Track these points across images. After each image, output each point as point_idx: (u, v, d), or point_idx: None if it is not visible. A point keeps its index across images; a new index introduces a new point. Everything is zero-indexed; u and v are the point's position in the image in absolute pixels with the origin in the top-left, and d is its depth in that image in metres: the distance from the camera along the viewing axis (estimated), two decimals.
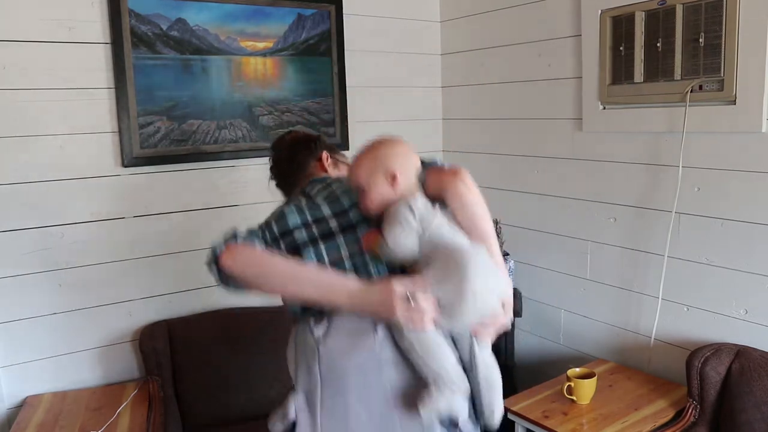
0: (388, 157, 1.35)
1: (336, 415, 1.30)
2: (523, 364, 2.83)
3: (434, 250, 1.28)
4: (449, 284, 1.24)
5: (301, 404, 1.33)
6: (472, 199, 1.33)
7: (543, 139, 2.64)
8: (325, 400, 1.31)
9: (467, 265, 1.24)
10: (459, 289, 1.23)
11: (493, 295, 1.29)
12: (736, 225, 2.04)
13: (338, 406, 1.30)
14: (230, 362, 2.36)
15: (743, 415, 1.89)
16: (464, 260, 1.25)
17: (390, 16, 2.91)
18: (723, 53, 1.97)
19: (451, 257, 1.26)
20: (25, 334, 2.22)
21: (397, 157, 1.36)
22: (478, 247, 1.30)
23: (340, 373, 1.31)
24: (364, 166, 1.35)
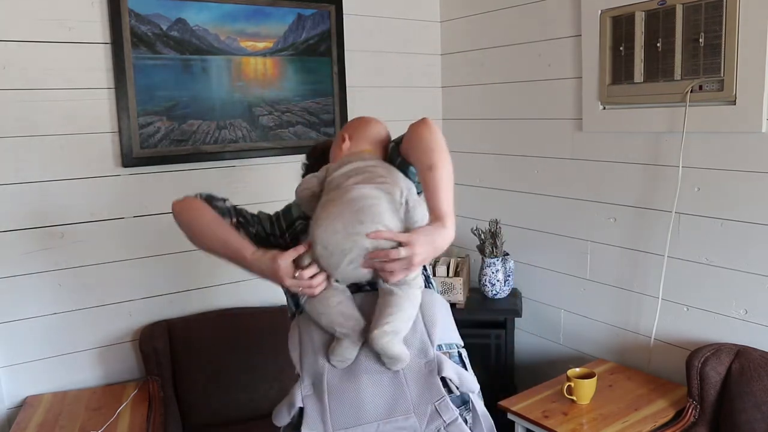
0: (346, 126, 1.57)
1: (345, 396, 1.30)
2: (523, 364, 2.83)
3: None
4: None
5: (308, 390, 1.33)
6: (423, 134, 1.35)
7: (543, 139, 2.64)
8: (333, 382, 1.31)
9: (316, 216, 1.33)
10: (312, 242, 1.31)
11: (338, 235, 1.28)
12: (736, 225, 2.04)
13: (348, 387, 1.30)
14: (230, 362, 2.36)
15: (743, 415, 1.89)
16: (316, 212, 1.34)
17: (390, 16, 2.91)
18: (723, 53, 1.97)
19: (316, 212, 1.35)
20: (25, 334, 2.23)
21: (353, 124, 1.56)
22: (344, 193, 1.32)
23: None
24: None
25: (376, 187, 1.33)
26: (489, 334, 2.60)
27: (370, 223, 1.27)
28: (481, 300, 2.68)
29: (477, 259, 2.75)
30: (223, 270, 2.54)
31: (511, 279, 2.70)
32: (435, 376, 1.31)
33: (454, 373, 1.33)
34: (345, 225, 1.27)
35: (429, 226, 1.28)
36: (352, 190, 1.32)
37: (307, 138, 2.69)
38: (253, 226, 1.53)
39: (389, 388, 1.30)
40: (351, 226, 1.27)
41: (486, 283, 2.66)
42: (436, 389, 1.30)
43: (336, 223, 1.28)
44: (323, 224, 1.30)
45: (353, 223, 1.27)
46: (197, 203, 1.49)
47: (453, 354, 1.40)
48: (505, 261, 2.67)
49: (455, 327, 1.48)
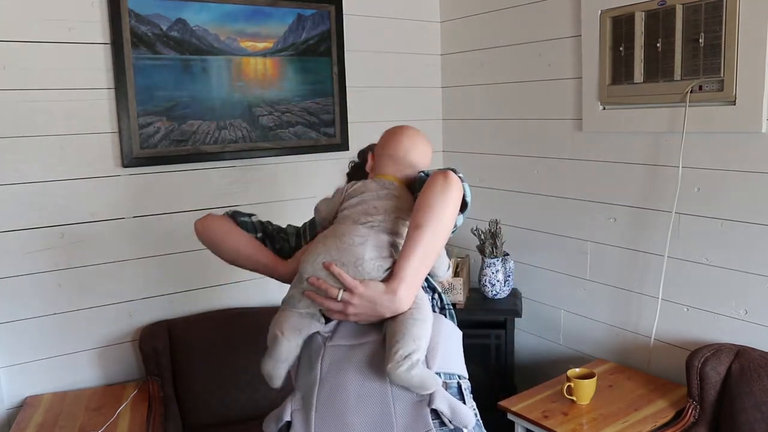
0: (380, 138, 1.51)
1: (331, 413, 1.27)
2: (523, 364, 2.83)
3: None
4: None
5: (297, 404, 1.31)
6: (434, 190, 1.29)
7: (543, 139, 2.64)
8: (322, 398, 1.28)
9: (307, 248, 1.37)
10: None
11: (307, 264, 1.30)
12: (736, 225, 2.04)
13: (334, 405, 1.27)
14: (230, 362, 2.36)
15: (743, 415, 1.89)
16: (310, 244, 1.38)
17: (390, 16, 2.91)
18: (723, 53, 1.97)
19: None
20: (25, 334, 2.23)
21: (382, 139, 1.50)
22: (336, 229, 1.34)
23: (343, 368, 1.28)
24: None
25: (369, 227, 1.31)
26: (489, 334, 2.60)
27: (351, 266, 1.26)
28: (481, 300, 2.68)
29: (477, 259, 2.75)
30: (223, 270, 2.54)
31: (511, 279, 2.70)
32: (425, 407, 1.25)
33: (446, 405, 1.25)
34: (328, 254, 1.28)
35: (379, 285, 1.25)
36: (344, 228, 1.32)
37: (307, 138, 2.69)
38: (278, 242, 1.55)
39: (376, 411, 1.25)
40: (331, 255, 1.28)
41: (486, 283, 2.67)
42: (423, 420, 1.24)
43: (319, 260, 1.29)
44: (309, 259, 1.30)
45: (336, 258, 1.27)
46: (222, 223, 1.51)
47: (451, 385, 1.33)
48: (505, 261, 2.67)
49: (462, 357, 1.41)
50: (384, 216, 1.34)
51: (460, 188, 1.32)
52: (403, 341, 1.22)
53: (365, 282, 1.25)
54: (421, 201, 1.29)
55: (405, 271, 1.24)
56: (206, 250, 1.69)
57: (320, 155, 2.75)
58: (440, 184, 1.29)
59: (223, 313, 2.52)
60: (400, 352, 1.21)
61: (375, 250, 1.27)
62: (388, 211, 1.34)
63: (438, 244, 1.28)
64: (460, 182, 1.33)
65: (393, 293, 1.24)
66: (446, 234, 1.30)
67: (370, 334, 1.30)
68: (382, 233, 1.31)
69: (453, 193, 1.29)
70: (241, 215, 1.55)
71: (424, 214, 1.26)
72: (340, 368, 1.28)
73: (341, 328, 1.33)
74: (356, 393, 1.25)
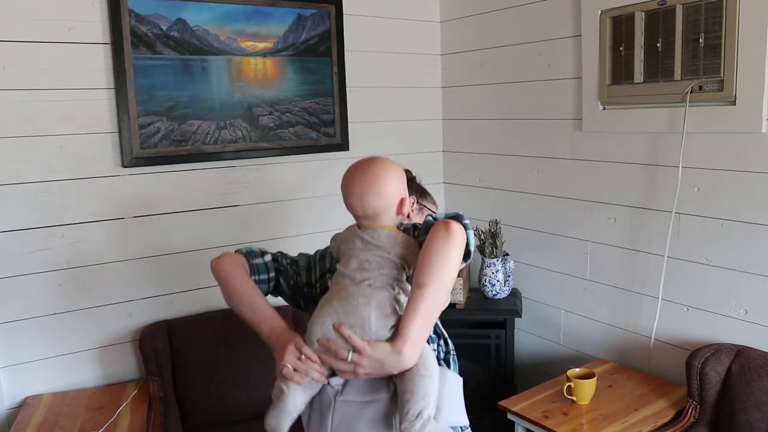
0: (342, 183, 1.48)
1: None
2: (523, 364, 2.83)
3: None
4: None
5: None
6: (436, 244, 1.28)
7: (543, 139, 2.64)
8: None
9: (314, 313, 1.36)
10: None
11: (317, 327, 1.32)
12: (736, 225, 2.04)
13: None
14: (230, 362, 2.36)
15: (743, 415, 1.89)
16: (316, 309, 1.37)
17: (390, 16, 2.91)
18: (723, 53, 1.97)
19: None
20: (25, 334, 2.22)
21: (343, 190, 1.45)
22: (339, 290, 1.34)
23: (354, 426, 1.30)
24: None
25: (368, 285, 1.33)
26: (489, 334, 2.60)
27: (359, 327, 1.29)
28: (481, 300, 2.68)
29: (477, 259, 2.75)
30: None
31: (511, 279, 2.70)
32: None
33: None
34: (336, 316, 1.31)
35: (386, 346, 1.28)
36: (347, 290, 1.33)
37: (307, 138, 2.69)
38: (292, 277, 1.54)
39: None
40: (340, 317, 1.30)
41: (486, 283, 2.67)
42: None
43: (328, 322, 1.31)
44: (317, 322, 1.33)
45: (344, 320, 1.30)
46: (233, 265, 1.48)
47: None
48: (505, 261, 2.67)
49: (462, 404, 1.43)
50: (378, 271, 1.34)
51: (464, 238, 1.31)
52: (413, 400, 1.25)
53: (372, 343, 1.28)
54: (423, 257, 1.29)
55: (409, 331, 1.27)
56: (206, 249, 1.72)
57: (320, 155, 2.75)
58: (442, 238, 1.28)
59: (223, 313, 2.51)
60: (412, 411, 1.24)
61: (379, 309, 1.30)
62: (381, 265, 1.35)
63: (441, 299, 1.30)
64: (464, 231, 1.31)
65: (399, 353, 1.26)
66: (449, 288, 1.31)
67: (381, 391, 1.32)
68: (382, 290, 1.32)
69: (455, 247, 1.29)
70: (255, 256, 1.52)
71: (426, 273, 1.27)
72: (350, 425, 1.30)
73: (352, 383, 1.35)
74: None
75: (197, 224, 2.49)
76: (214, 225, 2.53)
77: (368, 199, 1.37)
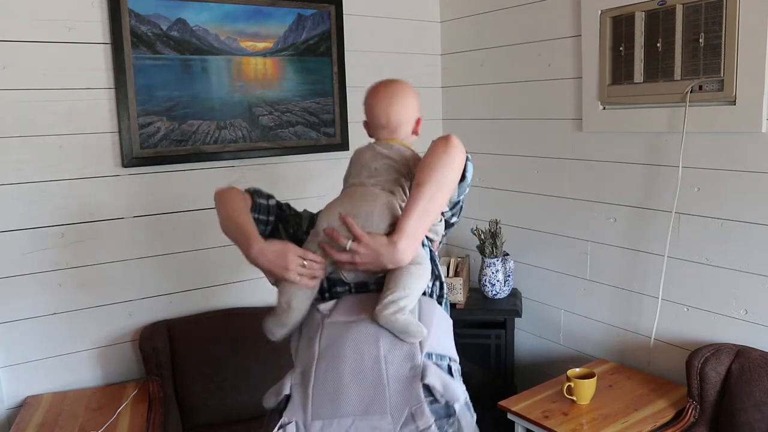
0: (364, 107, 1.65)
1: (327, 387, 1.33)
2: (523, 364, 2.83)
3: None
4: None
5: (297, 380, 1.38)
6: (436, 151, 1.39)
7: (543, 139, 2.64)
8: (320, 373, 1.35)
9: (322, 210, 1.47)
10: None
11: (324, 216, 1.41)
12: (736, 225, 2.04)
13: (330, 378, 1.33)
14: (230, 362, 2.36)
15: (743, 415, 1.89)
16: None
17: (390, 16, 2.91)
18: (723, 53, 1.97)
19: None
20: (25, 334, 2.22)
21: (365, 103, 1.62)
22: (346, 189, 1.47)
23: (340, 344, 1.34)
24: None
25: (374, 186, 1.44)
26: (489, 334, 2.60)
27: (362, 217, 1.37)
28: (481, 300, 2.68)
29: (477, 259, 2.75)
30: (222, 270, 2.54)
31: (511, 279, 2.70)
32: (417, 382, 1.31)
33: (438, 380, 1.32)
34: (343, 208, 1.40)
35: (383, 239, 1.35)
36: (355, 188, 1.44)
37: (307, 138, 2.69)
38: (292, 226, 1.58)
39: (370, 386, 1.31)
40: (346, 209, 1.40)
41: (486, 283, 2.67)
42: (415, 394, 1.30)
43: (335, 212, 1.40)
44: (325, 212, 1.43)
45: (350, 211, 1.38)
46: (235, 193, 1.56)
47: (443, 366, 1.40)
48: (505, 261, 2.67)
49: (452, 342, 1.47)
50: (386, 176, 1.44)
51: (462, 150, 1.41)
52: (395, 288, 1.33)
53: (372, 234, 1.36)
54: (424, 161, 1.39)
55: (406, 226, 1.34)
56: (206, 249, 1.72)
57: (320, 155, 2.75)
58: (442, 146, 1.38)
59: (223, 313, 2.51)
60: (390, 297, 1.32)
61: (384, 207, 1.38)
62: (389, 171, 1.45)
63: (438, 201, 1.38)
64: (463, 147, 1.41)
65: (394, 245, 1.33)
66: (447, 192, 1.40)
67: (365, 311, 1.36)
68: (388, 194, 1.42)
69: (454, 155, 1.38)
70: (260, 195, 1.59)
71: (425, 173, 1.36)
72: (337, 344, 1.35)
73: (339, 306, 1.40)
74: (351, 368, 1.32)
75: (197, 224, 2.49)
76: (214, 225, 2.51)
77: (396, 106, 1.52)
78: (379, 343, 1.33)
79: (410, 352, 1.33)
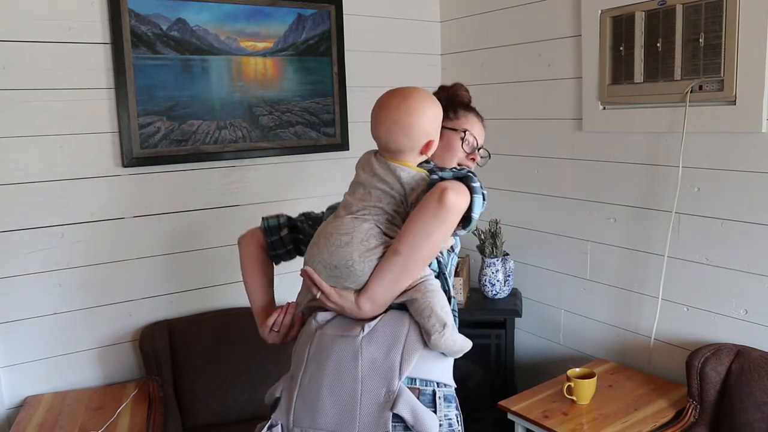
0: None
1: (308, 398, 1.33)
2: (523, 364, 2.83)
3: None
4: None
5: (287, 383, 1.40)
6: (423, 214, 1.27)
7: (543, 139, 2.64)
8: (304, 382, 1.35)
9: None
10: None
11: (309, 251, 1.40)
12: (736, 225, 2.04)
13: (311, 389, 1.33)
14: (230, 362, 2.36)
15: (743, 415, 1.89)
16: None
17: (390, 16, 2.91)
18: (723, 53, 1.97)
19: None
20: (25, 334, 2.22)
21: (372, 115, 1.47)
22: (327, 224, 1.39)
23: (324, 357, 1.34)
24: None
25: (354, 218, 1.34)
26: (489, 334, 2.60)
27: (343, 268, 1.32)
28: (481, 300, 2.68)
29: (477, 259, 2.75)
30: (222, 270, 2.54)
31: (511, 279, 2.70)
32: (387, 409, 1.28)
33: (407, 410, 1.28)
34: (321, 258, 1.35)
35: (350, 297, 1.33)
36: (333, 225, 1.37)
37: (307, 138, 2.69)
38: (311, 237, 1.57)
39: (344, 405, 1.30)
40: (324, 259, 1.35)
41: (486, 283, 2.67)
42: (383, 422, 1.28)
43: (314, 251, 1.37)
44: (307, 260, 1.40)
45: (327, 261, 1.34)
46: (247, 247, 1.59)
47: (425, 392, 1.34)
48: (505, 261, 2.67)
49: (445, 365, 1.40)
50: (376, 203, 1.34)
51: (458, 210, 1.27)
52: (432, 315, 1.30)
53: (338, 291, 1.34)
54: (407, 224, 1.29)
55: (373, 291, 1.32)
56: (206, 249, 1.71)
57: (320, 155, 2.75)
58: (432, 209, 1.26)
59: (223, 313, 2.51)
60: (436, 326, 1.30)
61: (361, 244, 1.31)
62: (381, 198, 1.35)
63: (412, 270, 1.31)
64: (463, 200, 1.26)
65: (359, 308, 1.33)
66: (425, 260, 1.32)
67: (355, 329, 1.34)
68: (366, 222, 1.33)
69: (443, 221, 1.27)
70: (272, 233, 1.58)
71: (403, 241, 1.29)
72: (322, 357, 1.34)
73: (336, 319, 1.39)
74: (330, 383, 1.31)
75: (197, 224, 2.49)
76: (214, 225, 2.53)
77: (395, 134, 1.34)
78: (359, 363, 1.31)
79: (388, 377, 1.30)
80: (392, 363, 1.30)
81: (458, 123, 1.54)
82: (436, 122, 1.38)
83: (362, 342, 1.31)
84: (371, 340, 1.32)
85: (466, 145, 1.52)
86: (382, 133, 1.36)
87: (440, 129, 1.41)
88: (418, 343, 1.33)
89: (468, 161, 1.54)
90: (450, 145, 1.51)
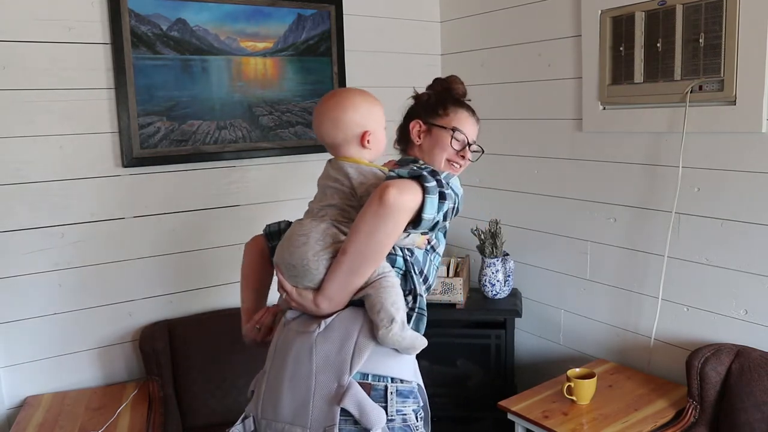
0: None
1: (272, 391, 1.39)
2: (523, 364, 2.83)
3: None
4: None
5: (260, 377, 1.47)
6: (366, 213, 1.30)
7: (543, 139, 2.64)
8: (270, 376, 1.41)
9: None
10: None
11: (279, 249, 1.45)
12: (736, 225, 2.04)
13: (275, 383, 1.39)
14: (230, 362, 2.36)
15: (743, 415, 1.89)
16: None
17: (390, 16, 2.91)
18: (723, 53, 1.97)
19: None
20: (25, 334, 2.22)
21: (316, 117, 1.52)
22: (294, 226, 1.45)
23: (286, 352, 1.39)
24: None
25: (313, 218, 1.41)
26: (489, 334, 2.60)
27: (300, 267, 1.37)
28: (481, 300, 2.68)
29: (477, 259, 2.75)
30: (222, 270, 2.54)
31: (511, 279, 2.70)
32: (336, 403, 1.31)
33: (353, 404, 1.30)
34: (283, 258, 1.41)
35: (309, 297, 1.37)
36: (294, 227, 1.43)
37: (307, 138, 2.69)
38: None
39: (299, 398, 1.34)
40: (285, 259, 1.41)
41: (486, 283, 2.66)
42: (332, 415, 1.31)
43: (280, 251, 1.43)
44: (275, 255, 1.46)
45: (287, 260, 1.40)
46: (249, 255, 1.63)
47: (377, 387, 1.35)
48: (505, 261, 2.67)
49: (403, 362, 1.39)
50: (329, 201, 1.41)
51: (402, 209, 1.27)
52: (383, 310, 1.32)
53: (299, 291, 1.39)
54: (354, 222, 1.33)
55: (328, 290, 1.35)
56: (206, 250, 1.71)
57: (320, 155, 2.72)
58: (374, 207, 1.28)
59: (223, 313, 2.51)
60: (384, 320, 1.31)
61: (316, 244, 1.36)
62: (334, 195, 1.41)
63: (360, 269, 1.33)
64: (409, 198, 1.27)
65: (317, 307, 1.37)
66: (374, 256, 1.33)
67: (313, 325, 1.38)
68: (323, 222, 1.38)
69: (385, 220, 1.27)
70: (274, 238, 1.57)
71: (351, 240, 1.33)
72: (284, 351, 1.39)
73: (302, 317, 1.43)
74: (289, 377, 1.36)
75: (197, 224, 2.49)
76: (214, 225, 2.53)
77: (326, 127, 1.41)
78: (313, 358, 1.34)
79: (339, 371, 1.32)
80: (344, 358, 1.33)
81: (448, 120, 1.59)
82: (373, 116, 1.43)
83: (317, 338, 1.35)
84: (326, 336, 1.35)
85: (455, 143, 1.56)
86: (316, 128, 1.43)
87: (431, 127, 1.55)
88: (371, 339, 1.34)
89: (458, 158, 1.59)
90: (439, 142, 1.56)
